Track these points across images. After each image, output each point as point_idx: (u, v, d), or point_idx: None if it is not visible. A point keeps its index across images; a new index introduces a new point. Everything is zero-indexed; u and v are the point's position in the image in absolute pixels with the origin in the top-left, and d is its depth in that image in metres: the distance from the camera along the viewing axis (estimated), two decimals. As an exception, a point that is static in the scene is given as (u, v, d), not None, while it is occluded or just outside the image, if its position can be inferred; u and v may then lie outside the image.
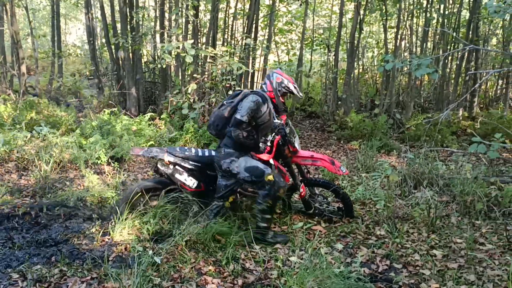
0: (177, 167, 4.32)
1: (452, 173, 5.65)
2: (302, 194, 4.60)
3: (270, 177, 3.99)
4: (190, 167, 4.36)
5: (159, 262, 3.52)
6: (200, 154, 4.41)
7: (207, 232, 3.92)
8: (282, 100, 4.25)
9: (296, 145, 4.50)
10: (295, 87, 4.23)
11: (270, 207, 4.04)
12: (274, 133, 4.29)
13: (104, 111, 7.83)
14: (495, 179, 5.37)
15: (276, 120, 4.36)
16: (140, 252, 3.74)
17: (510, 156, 7.55)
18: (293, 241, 4.14)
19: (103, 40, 12.45)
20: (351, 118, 8.93)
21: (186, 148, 4.51)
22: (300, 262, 3.53)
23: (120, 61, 10.07)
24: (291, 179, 4.60)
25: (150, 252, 3.68)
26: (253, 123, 4.04)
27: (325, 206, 4.73)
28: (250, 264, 3.67)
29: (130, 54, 9.35)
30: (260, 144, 4.15)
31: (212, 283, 3.36)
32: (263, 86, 4.24)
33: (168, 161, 4.30)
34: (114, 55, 10.08)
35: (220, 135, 4.22)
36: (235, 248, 3.87)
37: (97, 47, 11.98)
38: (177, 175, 4.31)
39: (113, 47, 9.97)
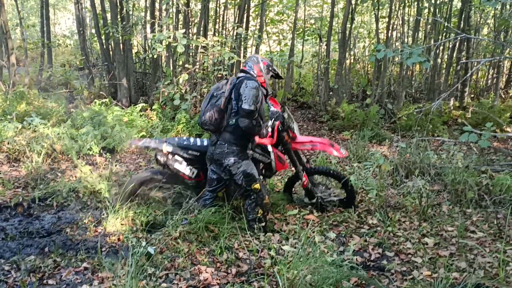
0: (176, 157, 4.34)
1: (444, 162, 5.70)
2: (305, 183, 4.61)
3: (257, 186, 4.03)
4: (189, 156, 4.37)
5: (153, 253, 3.53)
6: (198, 143, 4.41)
7: (199, 222, 3.93)
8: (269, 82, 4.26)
9: (295, 130, 4.51)
10: (276, 69, 4.28)
11: (262, 214, 4.08)
12: (273, 119, 4.25)
13: (95, 102, 7.77)
14: (486, 168, 5.43)
15: (272, 108, 4.35)
16: (133, 243, 3.74)
17: (500, 145, 7.62)
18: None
19: (93, 31, 12.33)
20: (343, 108, 8.95)
21: (184, 138, 4.53)
22: (293, 250, 3.54)
23: (111, 52, 9.98)
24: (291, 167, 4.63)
25: (144, 242, 3.68)
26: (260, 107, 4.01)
27: (327, 195, 4.76)
28: (244, 253, 3.69)
29: (121, 45, 9.27)
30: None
31: (206, 272, 3.37)
32: (250, 71, 4.11)
33: (167, 151, 4.30)
34: (104, 46, 9.99)
35: (218, 129, 4.06)
36: (228, 237, 3.89)
37: (87, 38, 11.85)
38: (176, 165, 4.33)
39: (103, 37, 9.87)
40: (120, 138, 6.83)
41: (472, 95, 10.84)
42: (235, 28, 8.76)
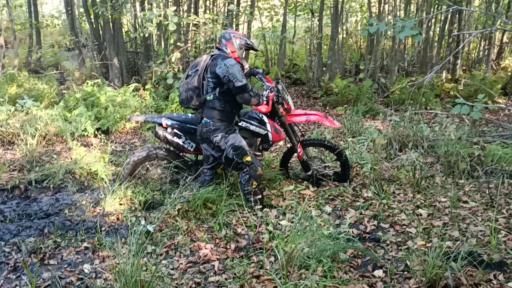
0: (175, 130, 4.43)
1: (436, 135, 5.76)
2: (300, 154, 4.66)
3: (248, 158, 4.06)
4: (188, 130, 4.44)
5: (152, 230, 3.58)
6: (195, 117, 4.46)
7: (197, 200, 3.98)
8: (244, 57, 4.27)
9: (290, 103, 4.55)
10: (251, 42, 4.27)
11: (257, 187, 4.11)
12: (267, 90, 4.32)
13: (87, 83, 7.71)
14: (478, 139, 5.49)
15: (265, 83, 4.42)
16: (133, 221, 3.79)
17: (492, 117, 7.69)
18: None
19: (82, 10, 12.12)
20: (336, 83, 8.95)
21: (183, 114, 4.66)
22: (291, 225, 3.61)
23: (101, 31, 9.84)
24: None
25: (143, 221, 3.73)
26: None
27: (322, 168, 4.83)
28: (242, 229, 3.75)
29: (111, 24, 9.14)
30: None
31: (206, 248, 3.43)
32: (223, 48, 4.13)
33: (166, 124, 4.40)
34: (94, 25, 9.84)
35: (197, 107, 4.16)
36: (226, 214, 3.94)
37: (75, 17, 11.66)
38: (175, 138, 4.43)
39: (92, 16, 9.72)
40: (114, 119, 6.81)
41: (464, 68, 10.86)
42: (227, 4, 8.65)
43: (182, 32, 8.25)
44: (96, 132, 6.37)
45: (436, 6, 9.93)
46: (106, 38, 9.25)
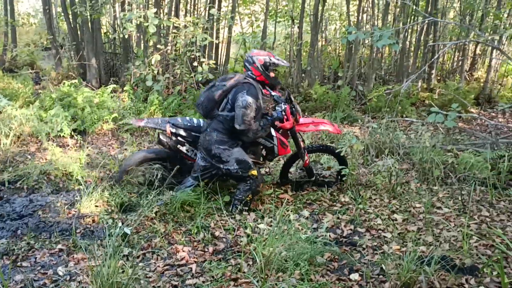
0: (179, 138, 4.34)
1: (412, 142, 5.88)
2: (307, 162, 4.69)
3: (254, 172, 4.10)
4: (191, 139, 4.37)
5: (129, 233, 3.54)
6: (202, 124, 4.40)
7: (175, 202, 3.96)
8: (273, 75, 4.22)
9: (300, 112, 4.55)
10: (277, 59, 4.20)
11: (250, 200, 4.16)
12: (282, 103, 4.27)
13: (64, 83, 7.58)
14: (452, 147, 5.63)
15: (273, 93, 4.33)
16: (109, 223, 3.74)
17: (465, 126, 7.89)
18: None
19: (60, 9, 11.93)
20: (315, 90, 9.03)
21: (187, 118, 4.53)
22: (269, 229, 3.63)
23: (79, 31, 9.71)
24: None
25: (120, 223, 3.69)
26: (258, 114, 4.05)
27: (324, 173, 4.93)
28: (220, 232, 3.75)
29: (89, 24, 9.03)
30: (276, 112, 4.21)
31: (183, 251, 3.42)
32: (249, 73, 4.15)
33: (170, 132, 4.30)
34: (72, 25, 9.70)
35: (208, 116, 4.19)
36: (204, 217, 3.94)
37: (53, 16, 11.46)
38: (179, 146, 4.34)
39: (70, 16, 9.58)
40: (91, 120, 6.72)
41: (439, 77, 11.10)
42: (208, 8, 8.66)
43: (162, 34, 8.21)
44: (72, 133, 6.27)
45: (412, 16, 10.15)
46: (85, 38, 9.14)
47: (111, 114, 6.92)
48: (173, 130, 4.31)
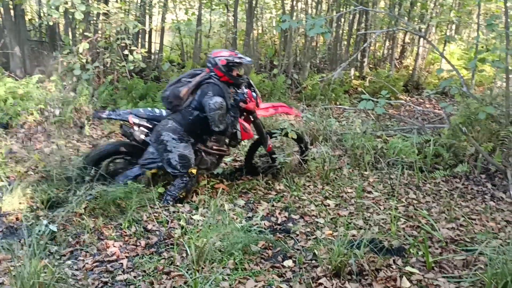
0: (142, 128, 4.26)
1: (344, 129, 6.04)
2: (270, 146, 4.73)
3: (194, 171, 4.08)
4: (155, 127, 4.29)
5: (55, 230, 3.37)
6: (164, 114, 4.34)
7: (105, 196, 3.81)
8: (236, 73, 4.19)
9: (259, 97, 4.58)
10: (240, 57, 4.16)
11: (184, 197, 4.11)
12: (244, 87, 4.30)
13: (-17, 73, 7.05)
14: (381, 133, 5.85)
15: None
16: (33, 221, 3.54)
17: (395, 112, 8.22)
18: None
19: (-23, -7, 11.05)
20: (251, 78, 9.02)
21: (149, 109, 4.48)
22: (203, 219, 3.59)
23: (0, 18, 9.05)
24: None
25: (45, 221, 3.50)
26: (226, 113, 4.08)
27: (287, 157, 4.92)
28: (153, 225, 3.65)
29: (11, 11, 8.43)
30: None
31: (114, 246, 3.30)
32: (212, 74, 4.11)
33: (133, 122, 4.22)
34: (-8, 11, 9.02)
35: (172, 109, 4.17)
36: (136, 210, 3.82)
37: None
38: (142, 136, 4.25)
39: (-11, 1, 8.90)
40: (14, 112, 6.31)
41: (371, 66, 11.49)
42: (139, -6, 8.37)
43: (91, 21, 7.84)
44: (-7, 126, 5.86)
45: (345, 6, 10.39)
46: (6, 26, 8.53)
47: (36, 105, 6.53)
48: (136, 121, 4.26)
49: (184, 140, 4.09)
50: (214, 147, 4.39)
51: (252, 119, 4.52)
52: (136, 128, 4.26)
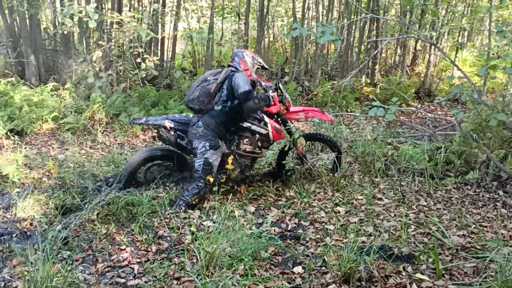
0: (178, 132, 4.39)
1: (355, 136, 6.05)
2: (300, 149, 4.79)
3: (211, 178, 4.15)
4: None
5: (68, 236, 3.43)
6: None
7: (118, 203, 3.87)
8: (255, 75, 4.43)
9: (290, 101, 4.69)
10: (261, 60, 4.48)
11: (196, 204, 4.14)
12: (271, 91, 4.42)
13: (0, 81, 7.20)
14: (392, 140, 5.84)
15: (263, 83, 4.55)
16: (46, 227, 3.60)
17: (406, 119, 8.20)
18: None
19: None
20: (262, 86, 9.09)
21: (183, 114, 4.63)
22: (214, 225, 3.62)
23: (16, 27, 9.24)
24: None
25: (59, 226, 3.56)
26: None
27: (317, 160, 5.06)
28: (164, 231, 3.69)
29: (27, 20, 8.61)
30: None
31: (126, 252, 3.34)
32: (237, 66, 4.32)
33: (170, 127, 4.35)
34: (8, 21, 9.21)
35: (202, 111, 4.25)
36: (147, 216, 3.86)
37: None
38: (179, 140, 4.40)
39: (6, 11, 9.09)
40: (29, 120, 6.44)
41: (383, 72, 11.47)
42: (151, 3, 8.49)
43: (104, 30, 7.97)
44: (9, 133, 5.97)
45: (356, 13, 10.41)
46: (22, 35, 8.71)
47: (51, 113, 6.66)
48: (172, 125, 4.38)
49: (213, 146, 4.18)
50: (247, 150, 4.48)
51: (281, 122, 4.62)
52: (172, 132, 4.39)
